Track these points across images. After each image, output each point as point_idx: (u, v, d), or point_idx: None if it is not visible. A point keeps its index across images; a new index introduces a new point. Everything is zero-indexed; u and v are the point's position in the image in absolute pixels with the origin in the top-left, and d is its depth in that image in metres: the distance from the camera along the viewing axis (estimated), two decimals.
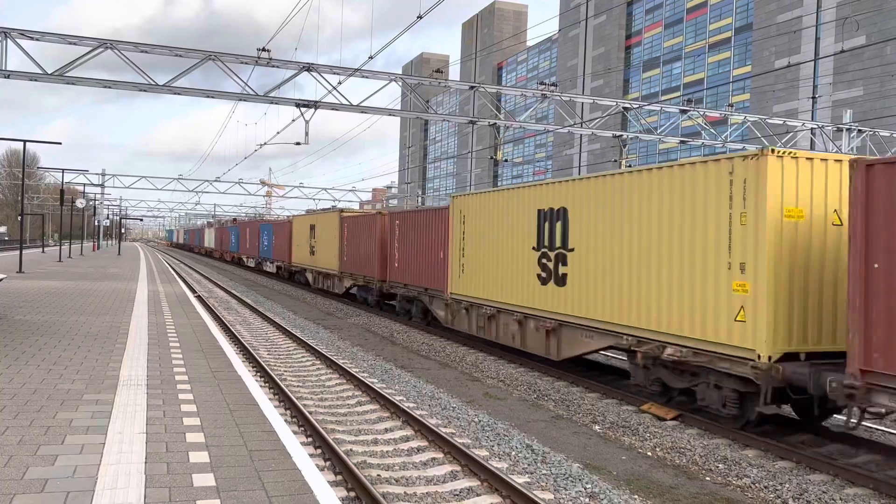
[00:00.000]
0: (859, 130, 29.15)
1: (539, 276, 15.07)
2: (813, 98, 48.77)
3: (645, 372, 12.16)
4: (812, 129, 29.54)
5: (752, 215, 9.86)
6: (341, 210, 32.85)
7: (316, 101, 21.19)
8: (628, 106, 26.84)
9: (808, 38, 50.67)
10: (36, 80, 18.99)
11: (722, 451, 9.99)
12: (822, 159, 10.00)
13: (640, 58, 71.44)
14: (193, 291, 28.21)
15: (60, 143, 34.84)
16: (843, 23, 44.60)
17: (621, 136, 27.09)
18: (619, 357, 16.63)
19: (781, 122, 29.20)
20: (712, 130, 27.75)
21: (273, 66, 20.79)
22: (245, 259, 61.12)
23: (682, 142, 28.51)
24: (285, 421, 8.21)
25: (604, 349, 14.00)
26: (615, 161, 35.41)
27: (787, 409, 11.36)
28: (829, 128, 29.32)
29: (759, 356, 9.65)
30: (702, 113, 27.03)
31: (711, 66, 61.91)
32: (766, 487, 8.59)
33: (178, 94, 20.46)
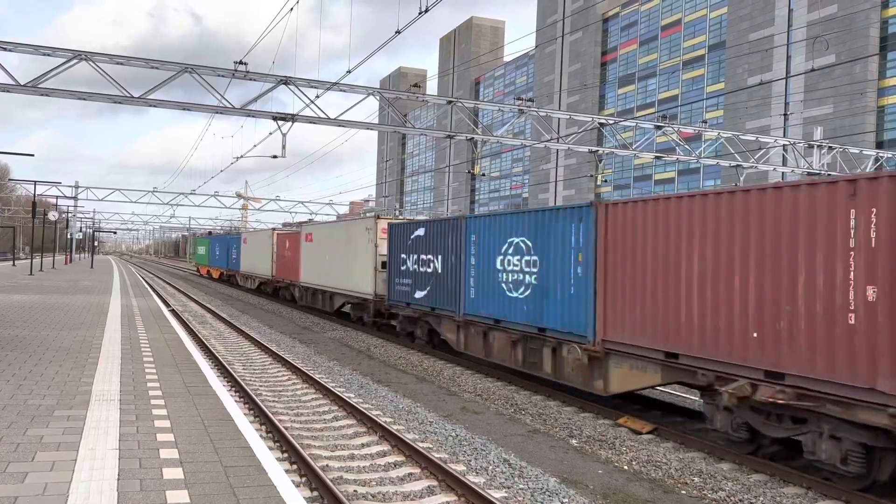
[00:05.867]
0: (829, 147, 29.68)
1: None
2: (785, 115, 49.65)
3: None
4: (784, 145, 30.02)
5: None
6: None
7: (293, 115, 21.14)
8: (604, 121, 27.11)
9: (780, 57, 51.64)
10: (8, 91, 18.76)
11: (697, 464, 10.06)
12: None
13: (616, 74, 72.28)
14: (168, 305, 27.91)
15: (32, 155, 34.53)
16: (814, 42, 45.51)
17: (597, 151, 27.34)
18: None
19: (754, 139, 29.66)
20: (686, 146, 28.09)
21: (250, 79, 20.73)
22: None
23: (656, 157, 28.83)
24: (261, 436, 8.14)
25: None
26: (591, 176, 35.70)
27: None
28: (801, 144, 29.81)
29: None
30: (676, 129, 27.37)
31: (685, 82, 62.80)
32: (740, 501, 8.66)
33: (154, 106, 20.31)
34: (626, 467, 9.93)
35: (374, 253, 23.57)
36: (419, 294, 20.00)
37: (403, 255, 20.98)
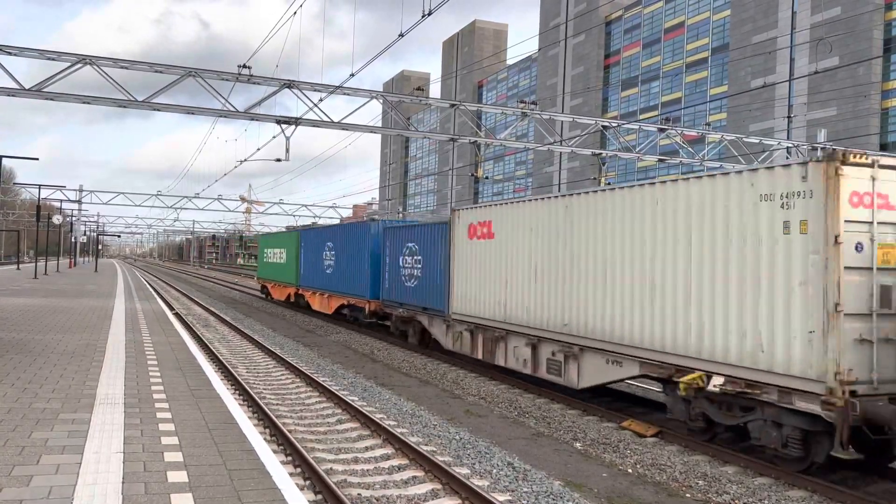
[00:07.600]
0: (833, 149, 29.62)
1: None
2: (788, 117, 49.58)
3: None
4: (788, 147, 29.98)
5: None
6: None
7: (297, 118, 21.18)
8: (607, 124, 27.12)
9: (783, 59, 51.59)
10: (13, 96, 18.83)
11: (702, 467, 10.04)
12: None
13: (619, 77, 72.26)
14: (171, 308, 27.95)
15: (37, 159, 34.74)
16: (817, 44, 45.47)
17: (600, 153, 27.33)
18: None
19: (758, 141, 29.61)
20: (690, 149, 28.08)
21: (254, 83, 20.78)
22: None
23: (660, 160, 28.83)
24: (265, 439, 8.15)
25: None
26: (594, 178, 35.70)
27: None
28: (805, 146, 29.77)
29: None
30: (679, 132, 27.34)
31: (689, 85, 62.76)
32: None
33: (159, 110, 20.38)
34: (630, 470, 9.92)
35: None
36: None
37: None
